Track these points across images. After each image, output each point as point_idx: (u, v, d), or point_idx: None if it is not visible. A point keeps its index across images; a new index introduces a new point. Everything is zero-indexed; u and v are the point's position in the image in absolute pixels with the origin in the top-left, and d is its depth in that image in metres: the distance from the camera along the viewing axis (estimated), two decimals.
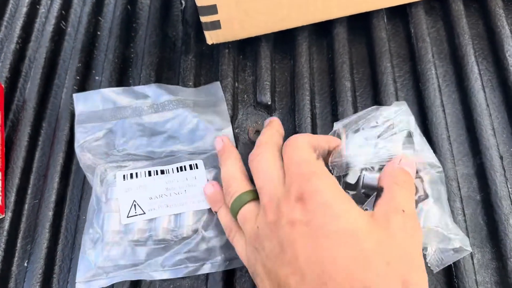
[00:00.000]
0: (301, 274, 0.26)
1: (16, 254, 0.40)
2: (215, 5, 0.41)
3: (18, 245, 0.40)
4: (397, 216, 0.28)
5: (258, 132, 0.43)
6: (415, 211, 0.31)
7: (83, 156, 0.40)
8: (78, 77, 0.47)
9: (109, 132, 0.42)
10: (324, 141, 0.34)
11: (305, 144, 0.32)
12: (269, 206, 0.30)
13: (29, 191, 0.42)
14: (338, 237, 0.26)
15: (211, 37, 0.44)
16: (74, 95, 0.43)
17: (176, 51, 0.48)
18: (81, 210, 0.41)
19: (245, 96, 0.46)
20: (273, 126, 0.37)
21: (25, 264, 0.39)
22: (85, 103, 0.43)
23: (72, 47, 0.49)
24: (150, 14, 0.50)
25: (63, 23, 0.51)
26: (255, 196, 0.33)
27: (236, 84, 0.46)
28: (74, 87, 0.46)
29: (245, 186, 0.34)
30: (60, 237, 0.40)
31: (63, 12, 0.51)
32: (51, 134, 0.45)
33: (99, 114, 0.42)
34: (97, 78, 0.47)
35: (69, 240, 0.40)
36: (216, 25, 0.43)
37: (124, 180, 0.39)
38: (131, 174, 0.39)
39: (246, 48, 0.47)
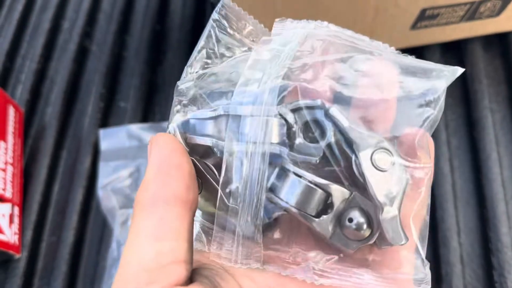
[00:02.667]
0: None
1: None
2: None
3: (34, 286, 0.38)
4: None
5: None
6: None
7: (105, 199, 0.37)
8: (102, 103, 0.44)
9: (135, 171, 0.39)
10: None
11: None
12: None
13: (47, 228, 0.40)
14: None
15: None
16: (101, 131, 0.40)
17: None
18: (100, 254, 0.38)
19: None
20: None
21: None
22: (110, 139, 0.40)
23: (96, 69, 0.46)
24: (181, 36, 0.47)
25: (88, 41, 0.48)
26: None
27: None
28: (98, 114, 0.43)
29: None
30: (78, 282, 0.38)
31: (88, 28, 0.48)
32: (72, 165, 0.42)
33: (125, 151, 0.40)
34: (122, 105, 0.44)
35: (87, 286, 0.38)
36: None
37: None
38: None
39: None
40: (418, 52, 0.43)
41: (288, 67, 0.20)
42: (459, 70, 0.21)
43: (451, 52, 0.43)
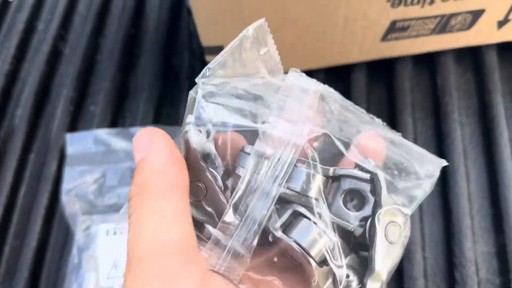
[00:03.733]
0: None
1: None
2: (222, 46, 0.37)
3: None
4: None
5: None
6: None
7: (69, 204, 0.37)
8: (71, 107, 0.43)
9: (100, 177, 0.38)
10: None
11: None
12: None
13: (11, 231, 0.40)
14: None
15: None
16: (68, 135, 0.40)
17: (180, 85, 0.44)
18: (62, 259, 0.38)
19: None
20: None
21: None
22: (77, 144, 0.39)
23: (68, 71, 0.46)
24: (156, 40, 0.47)
25: (61, 43, 0.47)
26: None
27: None
28: (67, 117, 0.43)
29: None
30: (39, 287, 0.37)
31: (62, 31, 0.48)
32: (39, 169, 0.41)
33: (91, 157, 0.39)
34: (91, 108, 0.44)
35: None
36: None
37: (107, 235, 0.35)
38: (115, 231, 0.36)
39: None
40: (390, 64, 0.43)
41: None
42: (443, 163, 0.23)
43: (423, 63, 0.43)
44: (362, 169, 0.21)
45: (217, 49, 0.38)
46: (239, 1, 0.34)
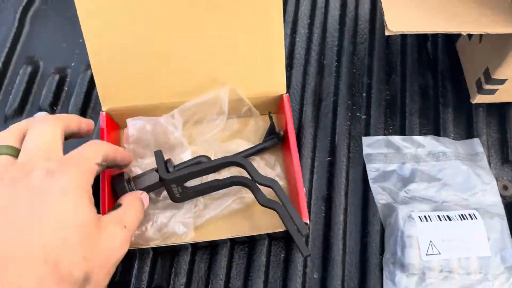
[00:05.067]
0: (11, 232, 0.27)
1: None
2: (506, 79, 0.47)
3: None
4: (116, 227, 0.33)
5: (505, 187, 0.50)
6: (134, 229, 0.36)
7: (377, 194, 0.47)
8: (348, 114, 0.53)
9: (393, 173, 0.48)
10: (120, 157, 0.38)
11: (101, 151, 0.35)
12: (21, 165, 0.31)
13: None
14: (58, 220, 0.28)
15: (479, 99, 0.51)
16: (364, 138, 0.49)
17: (430, 100, 0.54)
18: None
19: (493, 151, 0.52)
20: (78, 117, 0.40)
21: None
22: (371, 144, 0.49)
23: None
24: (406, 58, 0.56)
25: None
26: (15, 153, 0.33)
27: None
28: (345, 124, 0.52)
29: (13, 141, 0.34)
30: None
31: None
32: None
33: (383, 155, 0.49)
34: (360, 115, 0.53)
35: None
36: (492, 91, 0.49)
37: (421, 221, 0.45)
38: (425, 217, 0.45)
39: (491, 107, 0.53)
40: None
41: None
42: None
43: None
44: None
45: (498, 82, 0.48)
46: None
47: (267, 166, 0.48)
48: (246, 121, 0.50)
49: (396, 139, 0.50)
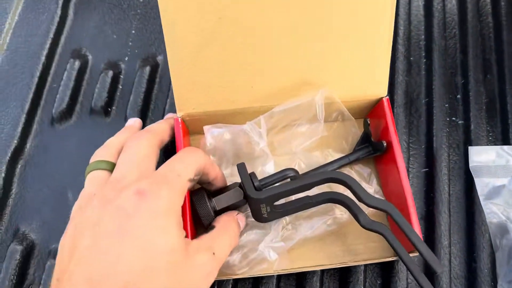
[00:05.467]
0: (89, 253, 0.27)
1: None
2: None
3: None
4: (205, 255, 0.30)
5: None
6: (224, 257, 0.33)
7: (489, 213, 0.41)
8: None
9: (503, 188, 0.42)
10: (213, 173, 0.35)
11: (195, 164, 0.32)
12: (114, 181, 0.30)
13: None
14: (143, 246, 0.27)
15: None
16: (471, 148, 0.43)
17: None
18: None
19: None
20: (168, 121, 0.38)
21: None
22: (479, 155, 0.43)
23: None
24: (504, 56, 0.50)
25: None
26: (111, 168, 0.33)
27: None
28: (445, 129, 0.46)
29: (110, 157, 0.34)
30: None
31: None
32: None
33: (492, 168, 0.43)
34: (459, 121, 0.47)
35: None
36: None
37: None
38: None
39: None
40: None
41: None
42: None
43: None
44: None
45: None
46: None
47: (361, 180, 0.41)
48: (334, 127, 0.44)
49: (506, 149, 0.43)
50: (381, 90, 0.40)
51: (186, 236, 0.31)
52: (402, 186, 0.37)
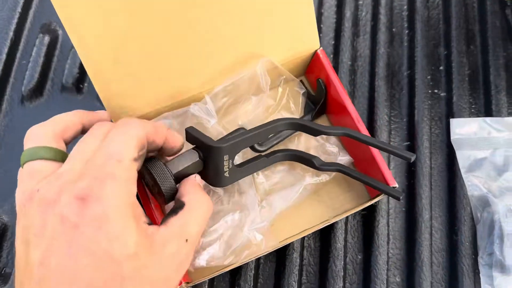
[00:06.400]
0: (44, 273, 0.23)
1: None
2: None
3: None
4: (174, 245, 0.27)
5: None
6: (197, 241, 0.29)
7: (470, 186, 0.40)
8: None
9: (485, 161, 0.42)
10: (160, 137, 0.29)
11: (133, 139, 0.27)
12: (58, 178, 0.26)
13: None
14: (99, 258, 0.24)
15: None
16: (453, 120, 0.42)
17: None
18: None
19: None
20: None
21: None
22: (461, 127, 0.42)
23: None
24: (487, 27, 0.48)
25: None
26: (58, 158, 0.28)
27: None
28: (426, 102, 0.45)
29: (55, 143, 0.28)
30: None
31: None
32: None
33: (473, 141, 0.42)
34: (441, 94, 0.46)
35: None
36: None
37: None
38: None
39: None
40: None
41: None
42: None
43: None
44: None
45: None
46: None
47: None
48: (279, 93, 0.42)
49: (488, 121, 0.43)
50: (313, 43, 0.40)
51: (153, 222, 0.27)
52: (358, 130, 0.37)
